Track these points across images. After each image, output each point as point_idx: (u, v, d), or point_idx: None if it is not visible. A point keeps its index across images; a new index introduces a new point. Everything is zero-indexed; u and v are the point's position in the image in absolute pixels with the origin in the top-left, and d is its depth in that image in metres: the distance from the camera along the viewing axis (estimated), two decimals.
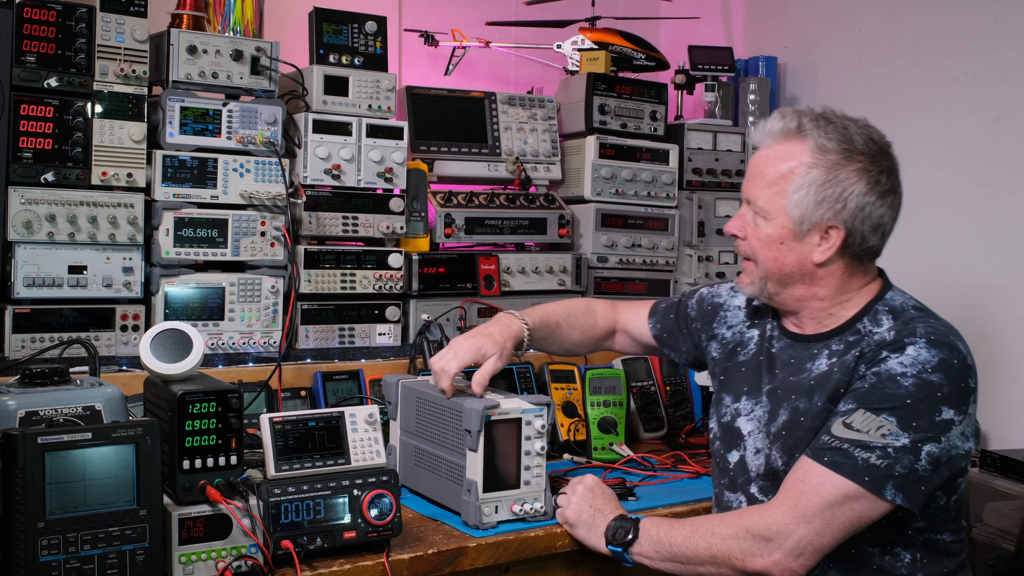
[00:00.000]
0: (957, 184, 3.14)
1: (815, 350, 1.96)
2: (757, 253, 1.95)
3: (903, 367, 1.79)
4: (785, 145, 1.91)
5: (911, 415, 1.75)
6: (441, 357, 2.16)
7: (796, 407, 1.92)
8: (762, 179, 1.92)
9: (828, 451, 1.78)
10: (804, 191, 1.86)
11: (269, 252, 2.78)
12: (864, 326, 1.92)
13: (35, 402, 1.76)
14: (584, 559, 2.16)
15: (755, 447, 2.02)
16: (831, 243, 1.89)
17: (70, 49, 2.51)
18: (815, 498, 1.76)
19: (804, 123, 1.90)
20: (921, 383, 1.77)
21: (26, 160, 2.48)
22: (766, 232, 1.92)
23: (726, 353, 2.17)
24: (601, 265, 3.32)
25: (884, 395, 1.78)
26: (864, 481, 1.74)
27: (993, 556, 2.58)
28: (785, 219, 1.89)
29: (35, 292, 2.49)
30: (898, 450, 1.74)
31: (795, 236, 1.90)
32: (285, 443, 1.86)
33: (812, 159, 1.87)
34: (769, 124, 1.94)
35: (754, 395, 2.05)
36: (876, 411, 1.77)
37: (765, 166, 1.92)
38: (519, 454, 2.07)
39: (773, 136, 1.93)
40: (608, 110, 3.36)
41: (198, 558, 1.72)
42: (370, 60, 2.96)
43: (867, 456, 1.74)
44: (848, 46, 3.52)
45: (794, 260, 1.92)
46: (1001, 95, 3.03)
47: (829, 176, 1.86)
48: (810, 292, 1.95)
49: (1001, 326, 2.99)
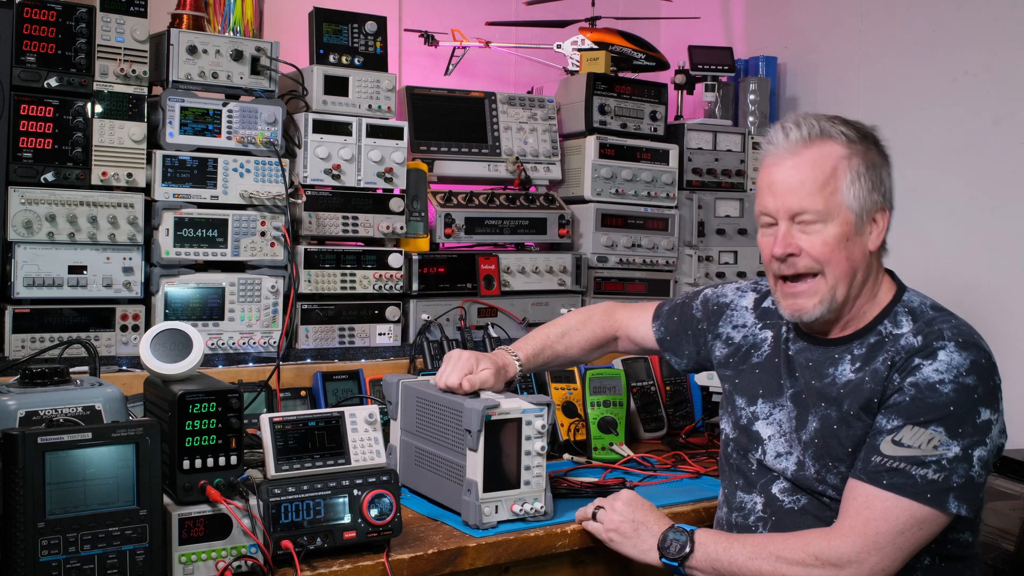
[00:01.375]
0: (957, 184, 3.14)
1: (836, 354, 1.95)
2: (827, 260, 1.88)
3: (939, 374, 1.79)
4: (813, 149, 1.89)
5: (957, 422, 1.76)
6: (440, 373, 2.20)
7: (828, 415, 1.91)
8: (809, 186, 1.87)
9: (885, 473, 1.77)
10: (858, 182, 1.87)
11: (269, 252, 2.78)
12: (885, 327, 1.91)
13: (35, 402, 1.76)
14: (585, 559, 2.16)
15: (776, 451, 2.00)
16: (880, 227, 1.92)
17: (70, 49, 2.51)
18: (884, 524, 1.75)
19: (821, 124, 1.90)
20: (959, 388, 1.77)
21: (26, 160, 2.48)
22: (832, 234, 1.87)
23: (738, 355, 2.15)
24: (601, 265, 3.32)
25: (927, 406, 1.77)
26: (927, 499, 1.74)
27: (993, 556, 2.58)
28: (847, 214, 1.87)
29: (35, 292, 2.49)
30: (952, 460, 1.74)
31: (857, 229, 1.89)
32: (285, 443, 1.86)
33: (847, 151, 1.88)
34: (791, 135, 1.90)
35: (773, 398, 2.03)
36: (923, 424, 1.77)
37: (806, 173, 1.88)
38: (519, 454, 2.07)
39: (796, 145, 1.90)
40: (608, 110, 3.36)
41: (198, 558, 1.72)
42: (370, 60, 2.96)
43: (924, 472, 1.74)
44: (848, 46, 3.52)
45: (860, 254, 1.90)
46: (1001, 95, 3.03)
47: (867, 162, 1.89)
48: (863, 289, 1.93)
49: (1001, 326, 2.98)
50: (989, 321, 3.00)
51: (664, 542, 1.95)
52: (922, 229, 3.23)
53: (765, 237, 1.96)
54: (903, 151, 3.34)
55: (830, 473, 1.90)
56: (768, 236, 1.94)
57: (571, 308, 3.21)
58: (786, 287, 1.94)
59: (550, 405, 2.12)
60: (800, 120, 1.92)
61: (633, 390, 2.95)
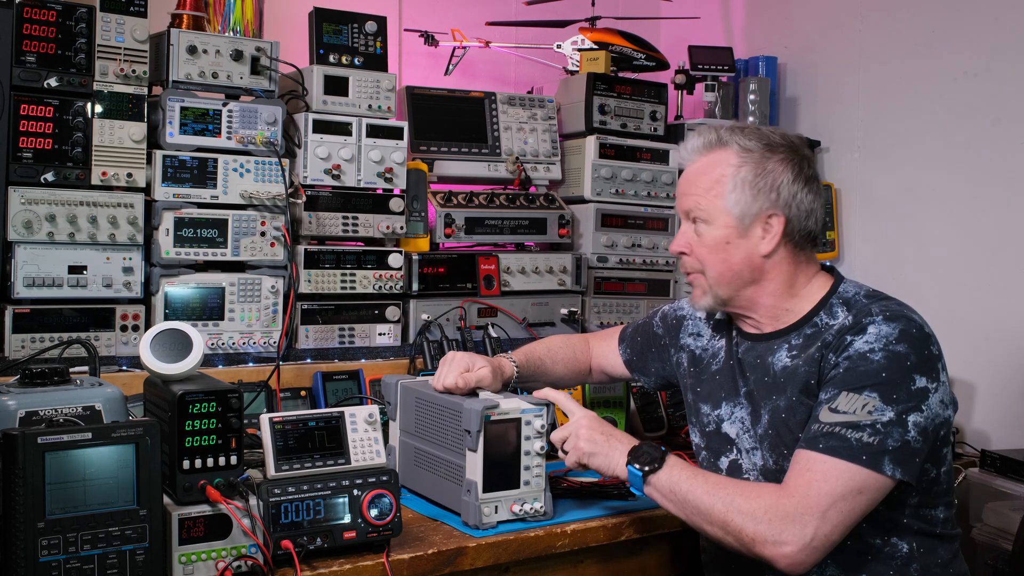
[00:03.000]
0: (957, 184, 3.14)
1: (774, 346, 2.03)
2: (705, 260, 2.01)
3: (868, 344, 1.85)
4: (710, 155, 2.02)
5: (890, 388, 1.81)
6: (437, 376, 2.21)
7: (776, 406, 1.98)
8: (697, 188, 2.01)
9: (822, 437, 1.80)
10: (740, 188, 1.97)
11: (269, 252, 2.78)
12: (820, 319, 1.99)
13: (35, 402, 1.76)
14: (585, 559, 2.16)
15: (745, 448, 2.06)
16: (774, 231, 1.98)
17: (70, 49, 2.51)
18: (825, 485, 1.77)
19: (722, 134, 2.03)
20: (890, 355, 1.83)
21: (26, 160, 2.48)
22: (712, 236, 2.00)
23: (699, 365, 2.22)
24: (601, 265, 3.32)
25: (859, 374, 1.83)
26: (862, 460, 1.77)
27: (993, 556, 2.58)
28: (727, 218, 1.98)
29: (35, 292, 2.49)
30: (886, 424, 1.78)
31: (739, 233, 1.98)
32: (285, 443, 1.86)
33: (739, 160, 1.99)
34: (691, 143, 2.06)
35: (732, 399, 2.10)
36: (857, 390, 1.82)
37: (697, 177, 2.02)
38: (519, 454, 2.07)
39: (697, 151, 2.05)
40: (608, 110, 3.36)
41: (198, 558, 1.72)
42: (370, 60, 2.97)
43: (859, 436, 1.78)
44: (848, 46, 3.52)
45: (742, 257, 1.99)
46: (1001, 95, 3.03)
47: (758, 169, 1.98)
48: (761, 289, 2.02)
49: (1001, 326, 2.99)
50: (989, 320, 3.01)
51: (637, 451, 1.97)
52: (922, 229, 3.23)
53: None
54: (903, 151, 3.36)
55: (786, 461, 1.93)
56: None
57: (571, 308, 3.22)
58: (687, 278, 2.10)
59: (550, 405, 2.12)
60: (704, 130, 2.06)
61: (633, 390, 2.95)
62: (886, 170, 3.35)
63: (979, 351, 3.01)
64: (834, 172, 3.51)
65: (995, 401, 2.95)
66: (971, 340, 3.03)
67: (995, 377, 2.94)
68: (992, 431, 2.97)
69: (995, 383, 2.94)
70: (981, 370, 2.98)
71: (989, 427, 2.97)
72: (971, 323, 3.04)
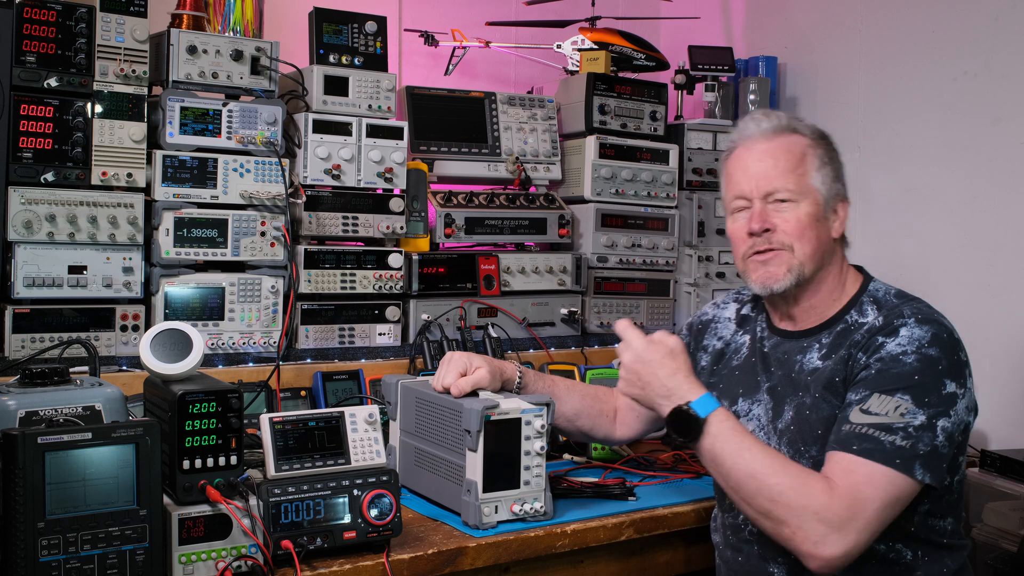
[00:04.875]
0: (957, 184, 3.14)
1: (804, 344, 2.03)
2: (798, 236, 1.99)
3: (901, 347, 1.85)
4: (783, 137, 2.03)
5: (922, 391, 1.80)
6: (436, 376, 2.20)
7: (802, 403, 1.97)
8: (782, 167, 2.00)
9: (855, 438, 1.79)
10: (825, 168, 2.01)
11: (269, 252, 2.78)
12: (851, 317, 2.00)
13: (35, 402, 1.76)
14: (585, 559, 2.16)
15: None
16: (841, 216, 2.04)
17: (70, 49, 2.51)
18: (870, 489, 1.75)
19: (788, 119, 2.06)
20: (922, 358, 1.83)
21: (26, 160, 2.48)
22: (804, 212, 1.99)
23: (720, 362, 2.21)
24: (601, 265, 3.32)
25: (892, 376, 1.83)
26: (896, 464, 1.76)
27: (993, 556, 2.58)
28: (816, 196, 2.00)
29: (35, 292, 2.49)
30: (917, 428, 1.78)
31: (824, 212, 2.01)
32: (285, 443, 1.86)
33: (813, 142, 2.03)
34: (760, 125, 2.05)
35: (751, 395, 2.09)
36: (890, 392, 1.81)
37: (777, 157, 2.01)
38: (519, 454, 2.07)
39: (768, 133, 2.04)
40: (608, 110, 3.36)
41: (198, 558, 1.72)
42: (370, 60, 2.96)
43: (892, 438, 1.77)
44: (848, 46, 3.52)
45: (826, 237, 2.02)
46: (1001, 95, 3.03)
47: (830, 154, 2.04)
48: (827, 273, 2.03)
49: (1001, 326, 2.98)
50: (989, 320, 3.01)
51: (677, 412, 1.87)
52: (922, 229, 3.23)
53: (737, 221, 2.06)
54: (903, 151, 3.36)
55: (802, 459, 1.94)
56: (740, 219, 2.04)
57: (571, 308, 3.22)
58: (758, 256, 2.02)
59: (550, 405, 2.12)
60: (769, 113, 2.08)
61: None
62: (886, 170, 3.35)
63: (979, 351, 2.99)
64: None
65: (995, 401, 2.95)
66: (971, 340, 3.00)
67: (995, 377, 2.93)
68: (992, 431, 2.97)
69: (995, 383, 2.94)
70: (981, 370, 2.94)
71: (989, 427, 2.97)
72: (971, 323, 3.02)
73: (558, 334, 3.21)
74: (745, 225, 2.02)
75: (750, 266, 2.04)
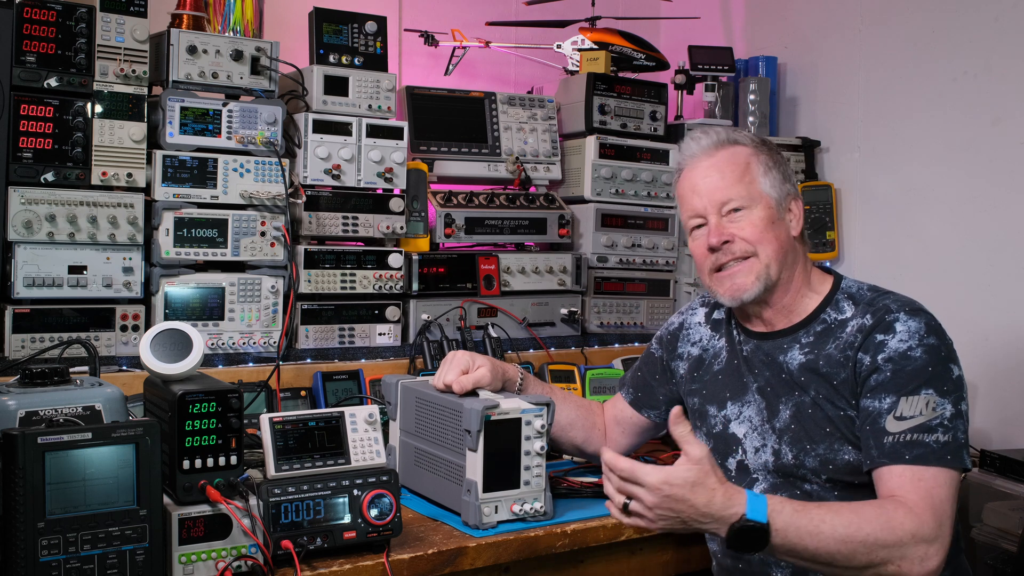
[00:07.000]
0: (957, 184, 3.14)
1: (784, 344, 2.05)
2: (758, 240, 2.02)
3: (903, 342, 1.88)
4: (724, 151, 2.07)
5: (940, 380, 1.85)
6: (438, 373, 2.20)
7: (801, 402, 1.99)
8: (729, 178, 2.04)
9: (904, 448, 1.81)
10: (771, 172, 2.06)
11: (269, 252, 2.78)
12: (828, 315, 2.03)
13: (35, 402, 1.76)
14: (585, 559, 2.16)
15: (754, 446, 2.05)
16: (796, 214, 2.08)
17: (70, 49, 2.51)
18: (940, 491, 1.78)
19: (727, 133, 2.10)
20: (927, 348, 1.87)
21: (26, 160, 2.48)
22: (759, 216, 2.02)
23: (701, 367, 2.22)
24: (601, 265, 3.32)
25: (908, 374, 1.86)
26: (947, 460, 1.80)
27: (993, 556, 2.57)
28: (767, 200, 2.04)
29: (35, 292, 2.49)
30: (950, 419, 1.83)
31: (778, 213, 2.05)
32: (285, 443, 1.86)
33: (754, 150, 2.08)
34: (698, 143, 2.10)
35: (740, 396, 2.10)
36: (914, 391, 1.85)
37: (723, 169, 2.05)
38: (519, 454, 2.07)
39: (709, 149, 2.08)
40: (608, 110, 3.36)
41: (198, 558, 1.72)
42: (370, 60, 2.96)
43: (935, 437, 1.81)
44: (848, 46, 3.52)
45: (785, 237, 2.05)
46: (1001, 95, 3.03)
47: (773, 158, 2.08)
48: (794, 273, 2.06)
49: (1001, 326, 2.98)
50: (989, 320, 3.01)
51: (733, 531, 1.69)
52: (922, 229, 3.23)
53: (696, 240, 2.09)
54: (903, 151, 3.36)
55: (808, 457, 1.95)
56: (699, 237, 2.08)
57: (571, 308, 3.22)
58: (723, 272, 2.05)
59: (550, 405, 2.12)
60: (707, 129, 2.13)
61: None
62: (886, 170, 3.35)
63: (979, 351, 3.00)
64: (834, 172, 3.51)
65: (995, 401, 2.95)
66: (971, 340, 3.02)
67: (995, 377, 2.93)
68: (992, 431, 2.97)
69: (995, 383, 2.94)
70: (981, 370, 2.98)
71: (989, 427, 2.97)
72: (971, 323, 3.03)
73: (558, 334, 3.21)
74: (704, 242, 2.05)
75: (716, 281, 2.07)
